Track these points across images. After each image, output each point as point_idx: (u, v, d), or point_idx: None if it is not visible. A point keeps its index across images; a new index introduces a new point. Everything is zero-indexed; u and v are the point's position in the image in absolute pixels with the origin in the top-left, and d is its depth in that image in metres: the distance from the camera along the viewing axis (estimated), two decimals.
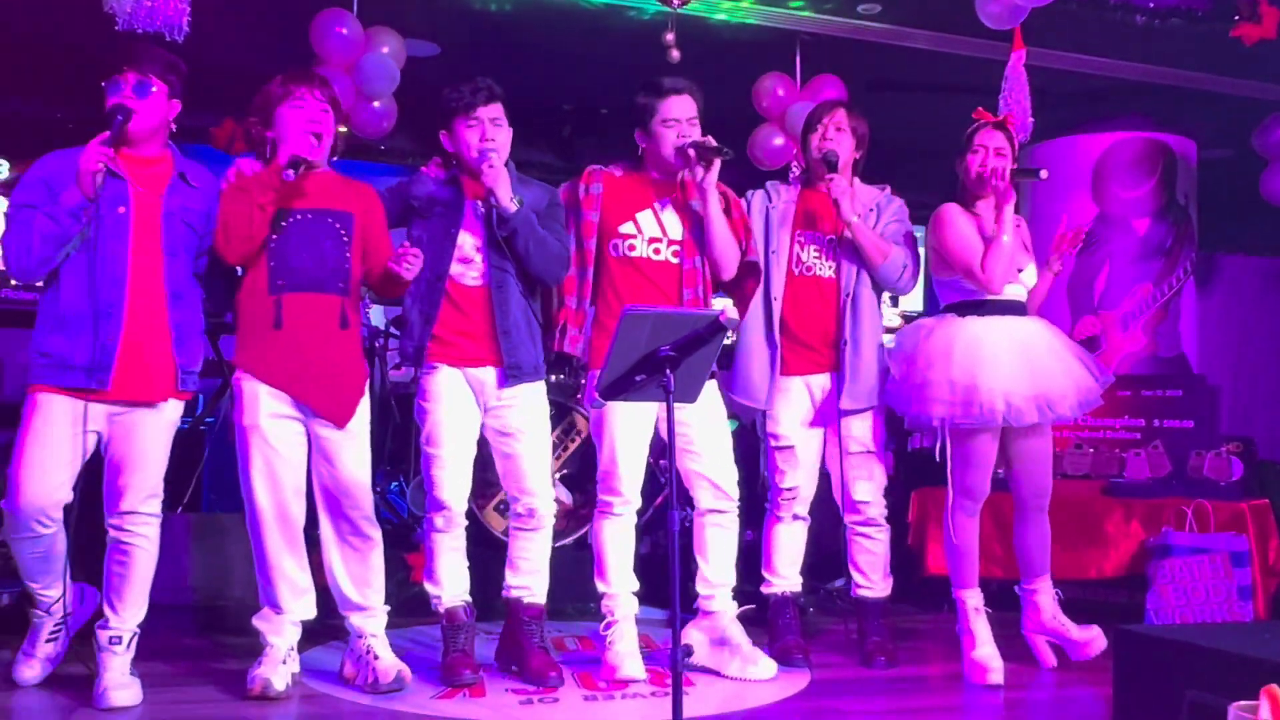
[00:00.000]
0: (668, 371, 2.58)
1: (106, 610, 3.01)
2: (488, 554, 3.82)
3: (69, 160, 2.88)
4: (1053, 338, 3.52)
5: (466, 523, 3.36)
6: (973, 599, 3.53)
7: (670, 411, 2.62)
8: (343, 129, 3.31)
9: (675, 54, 4.35)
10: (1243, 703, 1.78)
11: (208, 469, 4.78)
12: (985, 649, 3.47)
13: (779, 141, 5.26)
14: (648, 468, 5.03)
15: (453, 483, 3.27)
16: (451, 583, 3.31)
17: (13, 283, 5.05)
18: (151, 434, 2.98)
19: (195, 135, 5.70)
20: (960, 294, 3.54)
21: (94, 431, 2.95)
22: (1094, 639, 3.52)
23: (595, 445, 3.48)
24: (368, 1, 4.61)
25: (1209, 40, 4.75)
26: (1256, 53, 4.64)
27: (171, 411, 3.02)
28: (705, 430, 3.42)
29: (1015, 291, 3.52)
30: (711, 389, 3.47)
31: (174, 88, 3.01)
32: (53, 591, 3.03)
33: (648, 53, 4.54)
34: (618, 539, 3.41)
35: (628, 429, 3.36)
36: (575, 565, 4.11)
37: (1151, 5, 4.65)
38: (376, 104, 4.76)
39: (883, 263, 3.60)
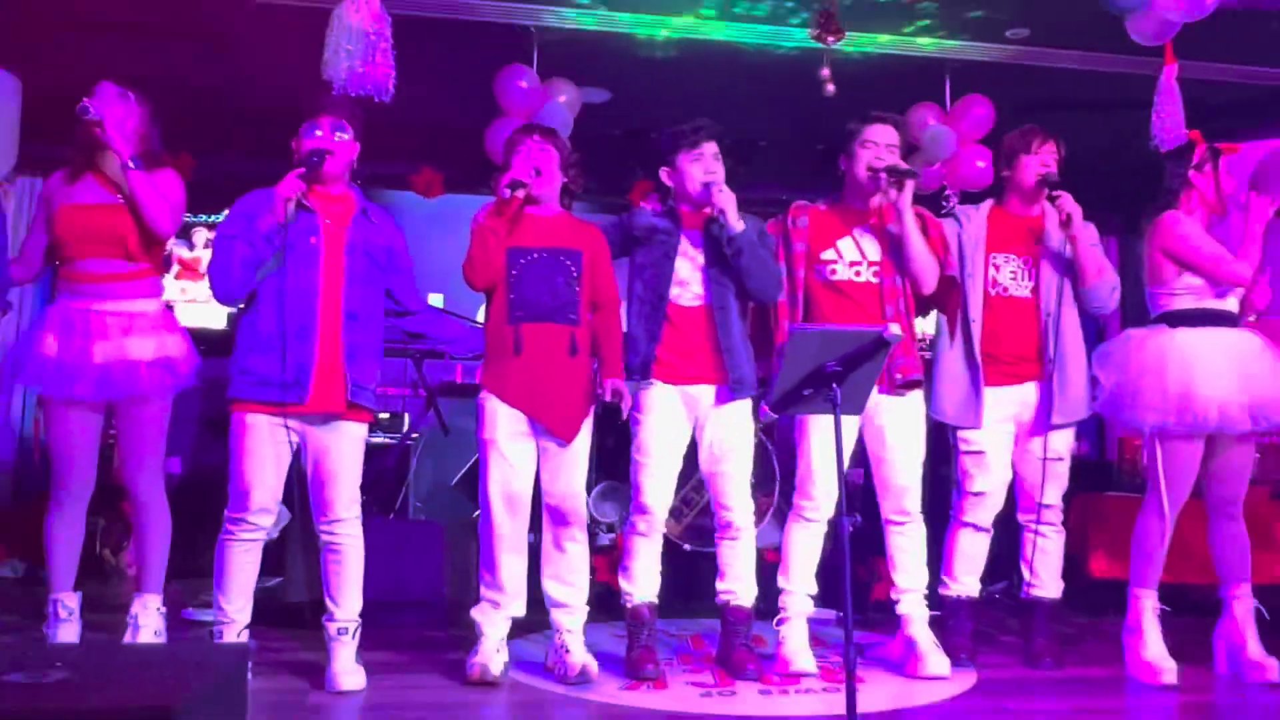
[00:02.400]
0: (835, 386, 2.75)
1: (329, 604, 3.37)
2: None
3: (265, 195, 3.27)
4: (1264, 348, 3.54)
5: (665, 529, 3.62)
6: (1149, 599, 3.57)
7: (838, 423, 2.79)
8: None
9: (830, 88, 4.48)
10: None
11: (415, 480, 5.16)
12: (1156, 649, 3.51)
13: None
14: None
15: (657, 490, 3.54)
16: (644, 583, 3.58)
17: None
18: (344, 452, 3.33)
19: (396, 183, 6.17)
20: (1177, 301, 3.57)
21: (292, 442, 3.30)
22: (1270, 668, 3.49)
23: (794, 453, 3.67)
24: (546, 55, 4.93)
25: None
26: None
27: (357, 430, 3.37)
28: (897, 444, 3.62)
29: (1229, 303, 3.57)
30: (915, 405, 3.66)
31: (358, 132, 3.42)
32: (240, 615, 3.29)
33: (803, 87, 4.70)
34: (805, 543, 3.64)
35: (827, 439, 3.54)
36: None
37: None
38: None
39: (1098, 281, 3.69)
